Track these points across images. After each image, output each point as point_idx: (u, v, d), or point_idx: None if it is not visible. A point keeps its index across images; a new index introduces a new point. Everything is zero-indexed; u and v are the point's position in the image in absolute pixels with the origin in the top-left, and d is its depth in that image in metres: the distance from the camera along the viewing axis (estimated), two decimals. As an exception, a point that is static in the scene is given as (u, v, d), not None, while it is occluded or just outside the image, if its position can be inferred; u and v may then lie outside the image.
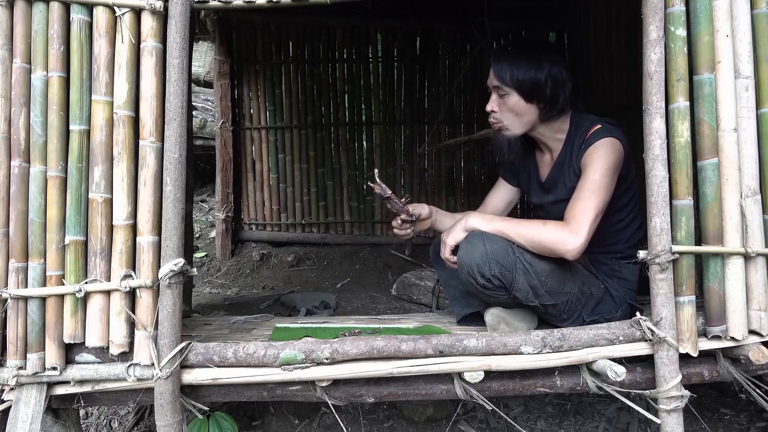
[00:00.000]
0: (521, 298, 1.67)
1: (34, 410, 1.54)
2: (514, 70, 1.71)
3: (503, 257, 1.63)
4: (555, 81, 1.72)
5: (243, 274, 3.90)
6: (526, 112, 1.77)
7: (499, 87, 1.76)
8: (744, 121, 1.56)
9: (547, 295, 1.69)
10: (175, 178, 1.51)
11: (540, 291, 1.67)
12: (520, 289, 1.65)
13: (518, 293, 1.66)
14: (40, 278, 1.51)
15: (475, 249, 1.64)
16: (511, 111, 1.77)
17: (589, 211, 1.60)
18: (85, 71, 1.52)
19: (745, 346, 1.58)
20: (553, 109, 1.76)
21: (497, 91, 1.78)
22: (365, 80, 4.25)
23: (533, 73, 1.71)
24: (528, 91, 1.73)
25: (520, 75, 1.71)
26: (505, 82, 1.74)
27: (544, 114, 1.77)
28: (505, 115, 1.79)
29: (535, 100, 1.74)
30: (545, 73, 1.70)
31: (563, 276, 1.72)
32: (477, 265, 1.63)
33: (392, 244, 4.23)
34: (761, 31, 1.57)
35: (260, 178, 4.28)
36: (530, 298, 1.67)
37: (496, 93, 1.79)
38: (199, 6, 1.59)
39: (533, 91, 1.72)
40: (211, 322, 2.14)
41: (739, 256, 1.56)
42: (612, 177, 1.66)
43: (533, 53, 1.73)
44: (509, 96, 1.75)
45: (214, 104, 4.19)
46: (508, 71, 1.72)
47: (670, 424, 1.54)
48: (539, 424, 2.03)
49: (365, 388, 1.64)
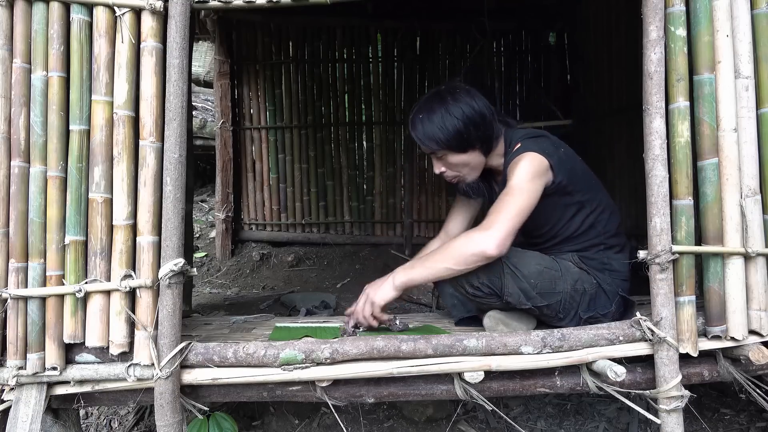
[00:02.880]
0: (514, 302, 1.69)
1: (34, 410, 1.54)
2: (434, 136, 1.72)
3: (489, 265, 1.64)
4: (475, 122, 1.72)
5: (243, 274, 3.90)
6: (471, 159, 1.79)
7: (433, 153, 1.78)
8: (744, 121, 1.56)
9: (539, 297, 1.69)
10: (175, 178, 1.51)
11: (531, 293, 1.68)
12: (511, 293, 1.67)
13: (510, 298, 1.67)
14: (40, 278, 1.51)
15: None
16: (457, 166, 1.80)
17: (503, 210, 1.61)
18: (85, 71, 1.52)
19: (745, 346, 1.58)
20: (490, 143, 1.78)
21: (434, 156, 1.81)
22: (365, 80, 4.25)
23: (451, 128, 1.70)
24: (458, 145, 1.74)
25: (441, 136, 1.71)
26: (434, 148, 1.75)
27: (486, 150, 1.79)
28: (456, 170, 1.81)
29: (469, 148, 1.75)
30: (462, 121, 1.70)
31: (553, 276, 1.73)
32: (465, 278, 1.66)
33: (392, 244, 4.24)
34: (761, 31, 1.57)
35: (260, 178, 4.28)
36: (522, 301, 1.68)
37: (434, 158, 1.81)
38: (199, 6, 1.59)
39: (463, 143, 1.74)
40: (211, 322, 2.14)
41: (739, 256, 1.56)
42: (531, 183, 1.65)
43: (440, 107, 1.72)
44: (447, 156, 1.77)
45: (214, 104, 4.19)
46: (430, 138, 1.73)
47: (670, 424, 1.54)
48: (539, 424, 2.03)
49: (365, 388, 1.64)
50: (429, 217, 4.31)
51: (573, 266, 1.80)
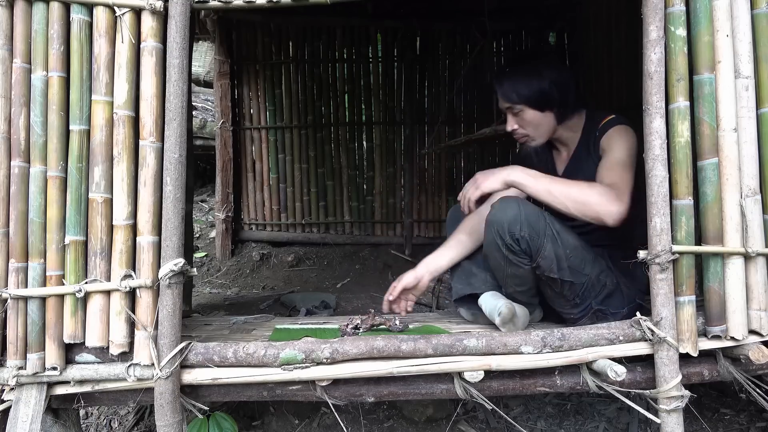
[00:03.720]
0: (545, 268, 1.68)
1: (34, 410, 1.54)
2: (518, 88, 1.78)
3: (535, 221, 1.66)
4: (559, 85, 1.78)
5: (243, 274, 3.90)
6: (544, 121, 1.84)
7: (511, 107, 1.83)
8: (744, 121, 1.56)
9: (568, 270, 1.70)
10: (175, 178, 1.51)
11: (563, 264, 1.69)
12: (546, 257, 1.67)
13: (543, 261, 1.67)
14: (40, 278, 1.51)
15: (509, 209, 1.67)
16: (530, 124, 1.85)
17: (627, 184, 1.66)
18: (85, 71, 1.52)
19: (745, 346, 1.58)
20: (566, 110, 1.84)
21: (510, 111, 1.85)
22: (365, 80, 4.25)
23: (536, 85, 1.77)
24: (538, 103, 1.80)
25: (525, 91, 1.78)
26: (514, 101, 1.81)
27: (561, 117, 1.85)
28: (527, 129, 1.86)
29: (547, 108, 1.81)
30: (548, 81, 1.77)
31: (585, 257, 1.74)
32: (508, 223, 1.66)
33: (392, 244, 4.23)
34: (761, 31, 1.57)
35: (260, 178, 4.28)
36: (553, 268, 1.68)
37: (510, 113, 1.86)
38: (199, 6, 1.59)
39: (543, 101, 1.79)
40: (211, 322, 2.14)
41: (739, 256, 1.56)
42: (633, 160, 1.72)
43: (530, 65, 1.80)
44: (523, 112, 1.82)
45: (214, 104, 4.19)
46: (513, 91, 1.79)
47: (670, 424, 1.54)
48: (539, 424, 2.03)
49: (365, 388, 1.64)
50: (429, 217, 4.31)
51: (601, 259, 1.81)
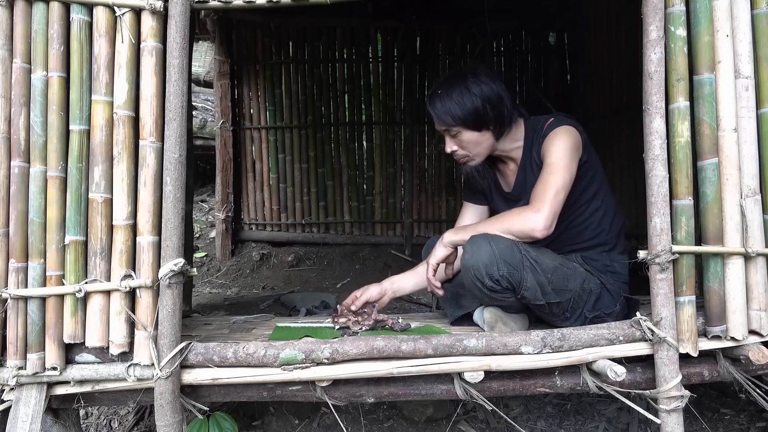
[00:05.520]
0: (529, 298, 1.67)
1: (34, 410, 1.54)
2: (453, 111, 1.75)
3: (510, 256, 1.62)
4: (492, 101, 1.76)
5: (243, 274, 3.90)
6: (482, 140, 1.81)
7: (447, 130, 1.81)
8: (744, 121, 1.56)
9: (553, 293, 1.69)
10: (175, 178, 1.51)
11: (547, 289, 1.68)
12: (529, 288, 1.65)
13: (527, 292, 1.65)
14: (40, 278, 1.51)
15: (481, 250, 1.63)
16: (468, 144, 1.82)
17: (550, 189, 1.65)
18: (85, 71, 1.52)
19: (745, 346, 1.58)
20: (503, 125, 1.81)
21: (447, 133, 1.83)
22: (365, 80, 4.25)
23: (470, 105, 1.74)
24: (473, 123, 1.77)
25: (459, 113, 1.75)
26: (450, 124, 1.78)
27: (498, 132, 1.81)
28: (467, 149, 1.84)
29: (483, 126, 1.78)
30: (479, 99, 1.74)
31: (566, 273, 1.73)
32: (485, 266, 1.62)
33: (392, 244, 4.24)
34: (761, 31, 1.57)
35: (260, 178, 4.28)
36: (538, 296, 1.67)
37: (448, 135, 1.83)
38: (199, 6, 1.59)
39: (478, 120, 1.76)
40: (211, 322, 2.14)
41: (739, 256, 1.56)
42: (571, 158, 1.71)
43: (460, 85, 1.76)
44: (460, 133, 1.80)
45: (214, 104, 4.19)
46: (448, 114, 1.76)
47: (670, 424, 1.54)
48: (539, 424, 2.03)
49: (365, 388, 1.64)
50: (429, 217, 4.32)
51: (579, 267, 1.80)
